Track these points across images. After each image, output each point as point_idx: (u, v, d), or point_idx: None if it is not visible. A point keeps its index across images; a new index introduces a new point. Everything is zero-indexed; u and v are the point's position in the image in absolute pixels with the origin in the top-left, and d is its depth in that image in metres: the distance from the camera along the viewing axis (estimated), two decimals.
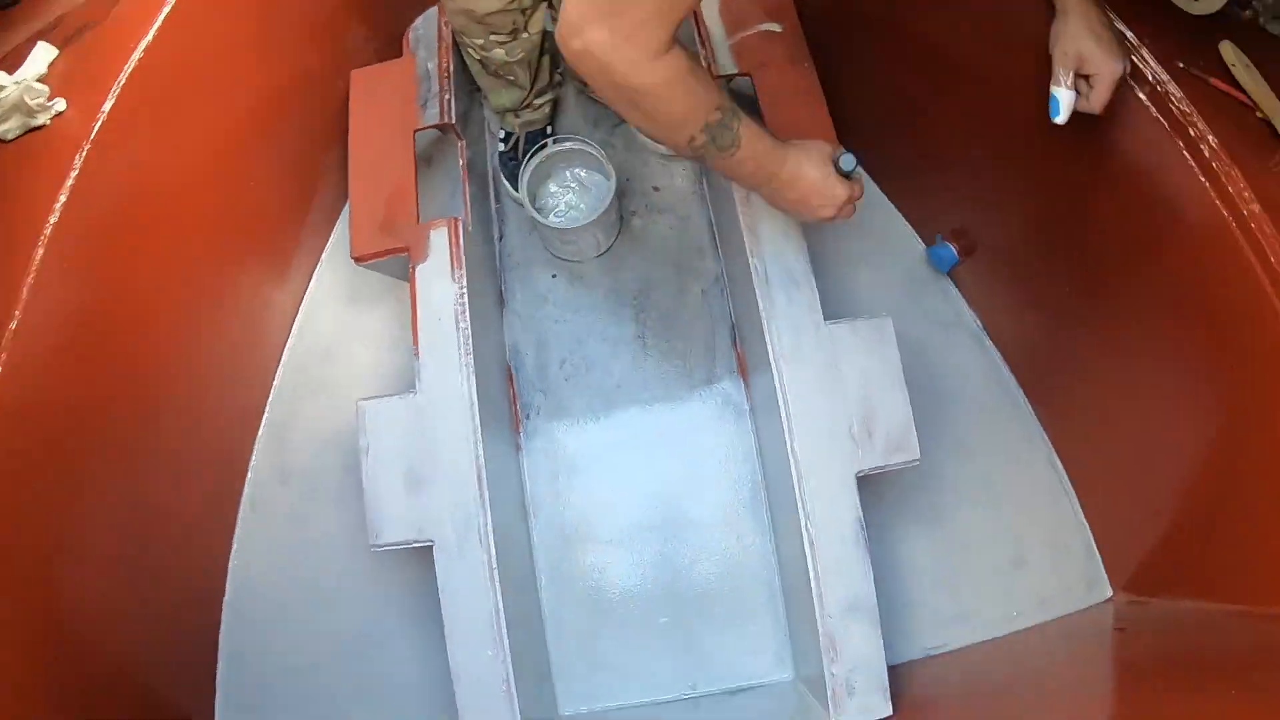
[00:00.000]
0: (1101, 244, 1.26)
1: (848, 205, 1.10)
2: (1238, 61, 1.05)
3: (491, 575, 1.20)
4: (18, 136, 1.14)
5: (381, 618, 1.52)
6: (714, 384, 1.60)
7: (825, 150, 1.09)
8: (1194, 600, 1.23)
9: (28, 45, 1.19)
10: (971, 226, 1.58)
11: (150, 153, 1.26)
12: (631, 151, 1.78)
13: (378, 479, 1.25)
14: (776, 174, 1.07)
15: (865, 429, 1.25)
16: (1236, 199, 0.99)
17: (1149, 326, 1.22)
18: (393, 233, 1.40)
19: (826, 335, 1.27)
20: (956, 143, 1.51)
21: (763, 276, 1.30)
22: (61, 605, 1.15)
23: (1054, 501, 1.55)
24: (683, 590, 1.50)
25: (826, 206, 1.09)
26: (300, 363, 1.70)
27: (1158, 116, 1.05)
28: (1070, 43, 1.01)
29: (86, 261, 1.15)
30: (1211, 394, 1.14)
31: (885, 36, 1.51)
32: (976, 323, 1.67)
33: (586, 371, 1.63)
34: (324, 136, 1.67)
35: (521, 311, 1.68)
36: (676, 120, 0.95)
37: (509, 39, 1.42)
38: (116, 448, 1.26)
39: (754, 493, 1.53)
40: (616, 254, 1.72)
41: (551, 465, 1.57)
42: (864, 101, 1.64)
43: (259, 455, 1.64)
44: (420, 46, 1.61)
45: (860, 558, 1.22)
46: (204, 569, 1.52)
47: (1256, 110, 1.04)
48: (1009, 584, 1.50)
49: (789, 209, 1.13)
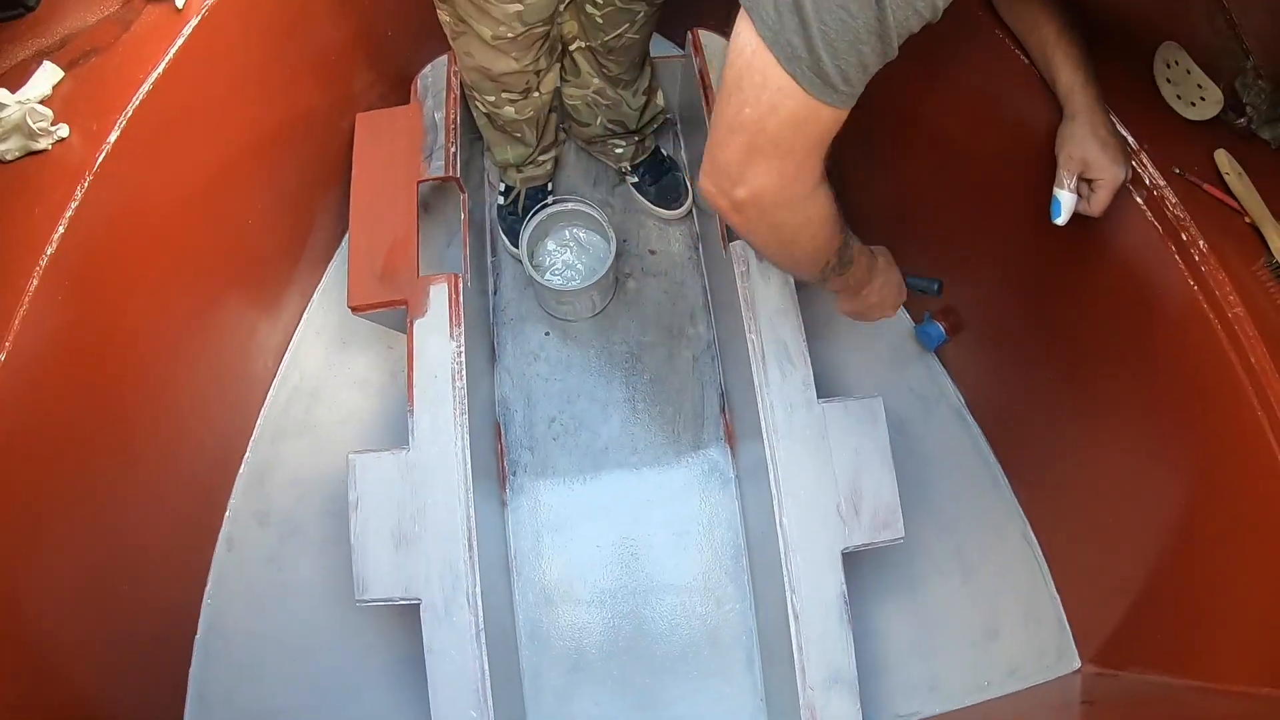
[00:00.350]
0: (1087, 333, 1.30)
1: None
2: (1231, 170, 1.08)
3: (478, 637, 1.20)
4: (17, 159, 1.12)
5: (357, 667, 1.50)
6: (701, 450, 1.62)
7: (888, 254, 1.17)
8: (1159, 675, 1.26)
9: (32, 63, 1.17)
10: (960, 306, 1.62)
11: (149, 185, 1.25)
12: (629, 213, 1.80)
13: (366, 534, 1.25)
14: (871, 280, 1.12)
15: (853, 507, 1.27)
16: (1222, 302, 1.02)
17: (1127, 414, 1.26)
18: (391, 284, 1.40)
19: (819, 413, 1.30)
20: (951, 225, 1.54)
21: (759, 351, 1.32)
22: (25, 635, 1.13)
23: (1028, 575, 1.58)
24: (661, 652, 1.51)
25: (895, 308, 1.19)
26: (285, 403, 1.69)
27: (1153, 220, 1.09)
28: (1076, 147, 1.03)
29: (79, 292, 1.13)
30: (1183, 480, 1.17)
31: (888, 120, 1.54)
32: (959, 399, 1.71)
33: (575, 431, 1.64)
34: (323, 176, 1.67)
35: (513, 367, 1.69)
36: (821, 249, 0.95)
37: (520, 98, 1.44)
38: (92, 479, 1.24)
39: (735, 559, 1.55)
40: (610, 315, 1.74)
41: (535, 524, 1.58)
42: (864, 179, 1.67)
43: (238, 494, 1.62)
44: (428, 95, 1.61)
45: (843, 632, 1.24)
46: (176, 606, 1.50)
47: (1245, 216, 1.07)
48: (981, 654, 1.53)
49: (863, 310, 1.18)
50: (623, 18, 1.37)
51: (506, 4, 1.21)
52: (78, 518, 1.22)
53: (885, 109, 1.52)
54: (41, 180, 1.11)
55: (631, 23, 1.38)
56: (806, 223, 0.89)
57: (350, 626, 1.51)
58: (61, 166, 1.12)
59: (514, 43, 1.29)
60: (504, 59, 1.32)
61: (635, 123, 1.63)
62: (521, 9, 1.22)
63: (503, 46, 1.30)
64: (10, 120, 1.08)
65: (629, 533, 1.57)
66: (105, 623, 1.28)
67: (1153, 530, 1.25)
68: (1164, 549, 1.24)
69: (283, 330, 1.73)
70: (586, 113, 1.61)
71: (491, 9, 1.22)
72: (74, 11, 1.23)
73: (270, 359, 1.71)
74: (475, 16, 1.26)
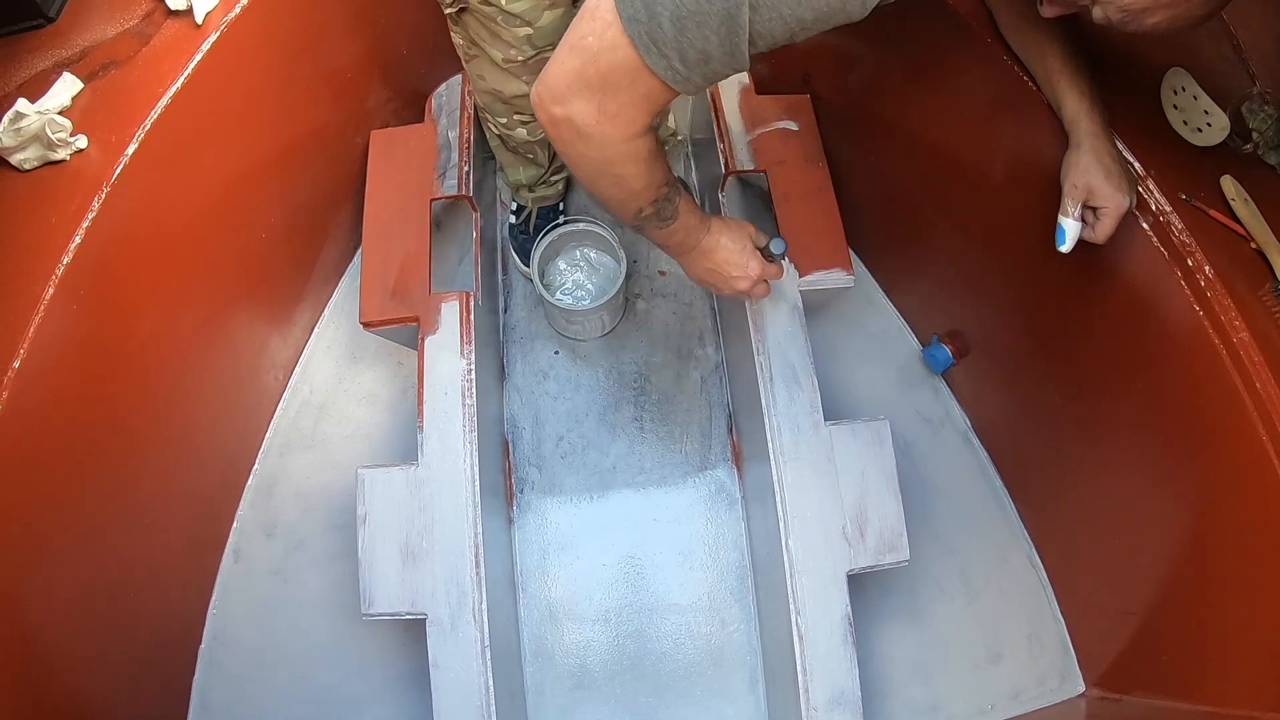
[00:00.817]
0: (1093, 357, 1.30)
1: (761, 283, 1.17)
2: (1237, 196, 1.08)
3: (483, 653, 1.21)
4: (35, 168, 1.12)
5: (360, 681, 1.50)
6: (708, 470, 1.63)
7: (747, 229, 1.17)
8: (1164, 699, 1.27)
9: (51, 74, 1.18)
10: (967, 329, 1.63)
11: (165, 197, 1.26)
12: (639, 234, 1.81)
13: (374, 549, 1.26)
14: (698, 244, 1.13)
15: (858, 529, 1.28)
16: (1228, 327, 1.02)
17: (1133, 437, 1.26)
18: (403, 301, 1.41)
19: (826, 435, 1.31)
20: (958, 250, 1.55)
21: (767, 374, 1.34)
22: (29, 643, 1.13)
23: (1032, 597, 1.58)
24: (665, 671, 1.51)
25: (740, 279, 1.15)
26: (294, 416, 1.70)
27: (1159, 246, 1.09)
28: (1081, 175, 1.04)
29: (94, 302, 1.14)
30: (1188, 503, 1.17)
31: (899, 143, 1.55)
32: (965, 421, 1.71)
33: (583, 450, 1.64)
34: (337, 192, 1.68)
35: (521, 385, 1.70)
36: (633, 193, 0.99)
37: (532, 120, 1.44)
38: (101, 487, 1.24)
39: (740, 579, 1.55)
40: (618, 335, 1.75)
41: (541, 541, 1.58)
42: (873, 204, 1.68)
43: (246, 506, 1.63)
44: (442, 114, 1.63)
45: (847, 654, 1.24)
46: (181, 617, 1.50)
47: (1251, 242, 1.08)
48: (984, 677, 1.53)
49: (704, 277, 1.18)
50: None
51: (517, 27, 1.22)
52: (85, 526, 1.22)
53: (892, 135, 1.55)
54: (59, 190, 1.12)
55: None
56: (613, 163, 0.93)
57: (354, 640, 1.51)
58: (79, 177, 1.13)
59: (525, 66, 1.30)
60: (515, 82, 1.34)
61: None
62: (531, 32, 1.23)
63: (514, 70, 1.31)
64: (29, 130, 1.08)
65: (635, 552, 1.58)
66: (109, 631, 1.28)
67: (1158, 553, 1.26)
68: (1169, 572, 1.24)
69: (293, 344, 1.74)
70: None
71: (502, 32, 1.24)
72: (94, 24, 1.25)
73: (280, 372, 1.71)
74: (487, 40, 1.27)
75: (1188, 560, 1.20)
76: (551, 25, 1.23)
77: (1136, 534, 1.30)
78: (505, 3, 1.19)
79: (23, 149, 1.10)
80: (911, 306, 1.79)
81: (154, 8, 1.26)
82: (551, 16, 1.23)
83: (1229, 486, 1.08)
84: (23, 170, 1.12)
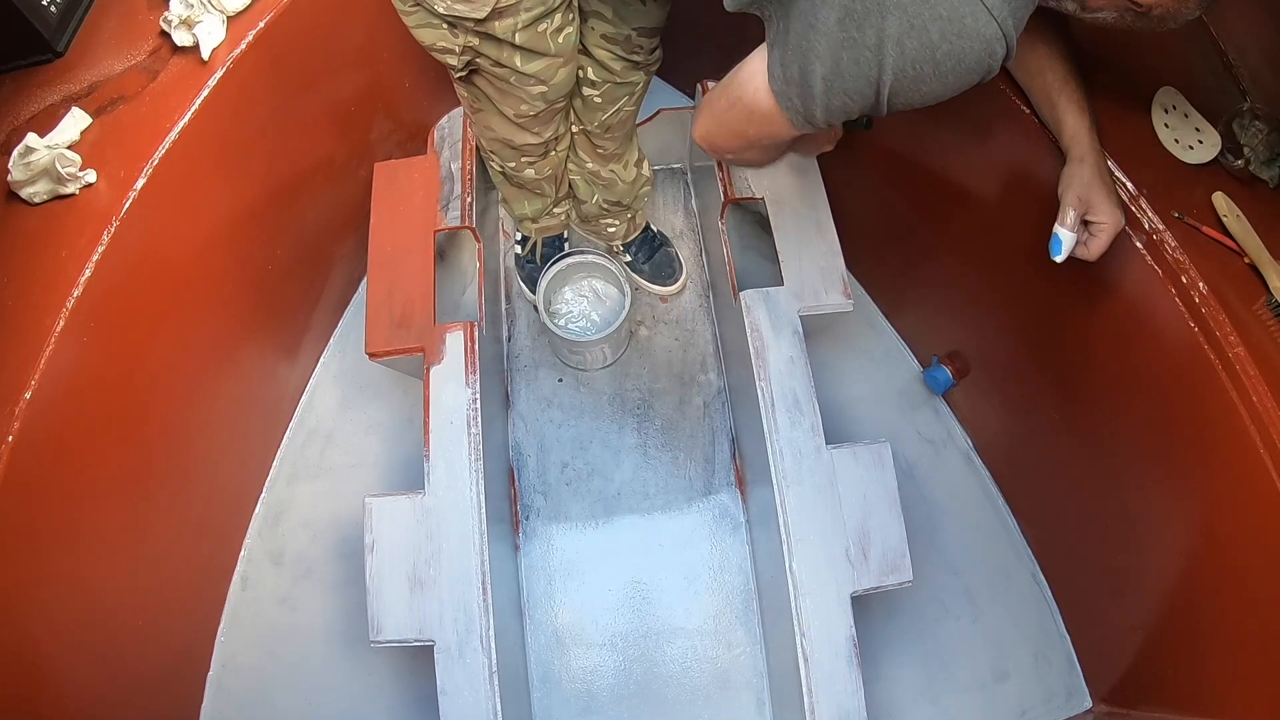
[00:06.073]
0: (1091, 375, 1.32)
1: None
2: (1229, 212, 1.10)
3: (491, 679, 1.21)
4: (45, 202, 1.14)
5: (367, 708, 1.51)
6: (712, 495, 1.64)
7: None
8: (1170, 713, 1.27)
9: (60, 109, 1.20)
10: (967, 350, 1.64)
11: (173, 230, 1.27)
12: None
13: (381, 576, 1.26)
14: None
15: (861, 551, 1.28)
16: (1223, 342, 1.04)
17: (1133, 454, 1.27)
18: (408, 331, 1.42)
19: (828, 459, 1.32)
20: (957, 271, 1.57)
21: (768, 399, 1.35)
22: (38, 668, 1.13)
23: (1037, 615, 1.58)
24: (672, 695, 1.51)
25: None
26: (301, 445, 1.71)
27: (1153, 264, 1.11)
28: (1083, 189, 1.05)
29: (103, 334, 1.15)
30: (1189, 518, 1.18)
31: (896, 167, 1.57)
32: (967, 441, 1.72)
33: (588, 477, 1.65)
34: (341, 223, 1.70)
35: (526, 413, 1.71)
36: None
37: (539, 159, 1.44)
38: (110, 516, 1.25)
39: (746, 603, 1.56)
40: (622, 362, 1.76)
41: (548, 567, 1.59)
42: (871, 227, 1.70)
43: (254, 534, 1.64)
44: (445, 146, 1.65)
45: (852, 675, 1.24)
46: (189, 643, 1.51)
47: (1244, 256, 1.09)
48: (991, 696, 1.53)
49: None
50: (621, 92, 1.38)
51: (532, 86, 1.21)
52: (95, 554, 1.23)
53: (889, 159, 1.57)
54: (69, 224, 1.13)
55: (630, 94, 1.39)
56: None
57: (361, 667, 1.52)
58: (89, 211, 1.14)
59: (536, 119, 1.30)
60: (525, 134, 1.34)
61: (629, 197, 1.63)
62: (546, 89, 1.22)
63: (525, 124, 1.31)
64: (39, 164, 1.10)
65: (640, 576, 1.59)
66: (119, 658, 1.29)
67: (1161, 569, 1.26)
68: (1172, 587, 1.25)
69: (300, 374, 1.76)
70: (584, 189, 1.61)
71: (515, 90, 1.23)
72: (102, 59, 1.27)
73: (287, 402, 1.73)
74: (497, 98, 1.26)
75: (1191, 574, 1.20)
76: (564, 80, 1.23)
77: (1139, 549, 1.31)
78: (520, 64, 1.16)
79: (33, 183, 1.12)
80: (911, 328, 1.80)
81: (160, 44, 1.28)
82: (565, 73, 1.22)
83: (1229, 500, 1.09)
84: (33, 204, 1.13)
